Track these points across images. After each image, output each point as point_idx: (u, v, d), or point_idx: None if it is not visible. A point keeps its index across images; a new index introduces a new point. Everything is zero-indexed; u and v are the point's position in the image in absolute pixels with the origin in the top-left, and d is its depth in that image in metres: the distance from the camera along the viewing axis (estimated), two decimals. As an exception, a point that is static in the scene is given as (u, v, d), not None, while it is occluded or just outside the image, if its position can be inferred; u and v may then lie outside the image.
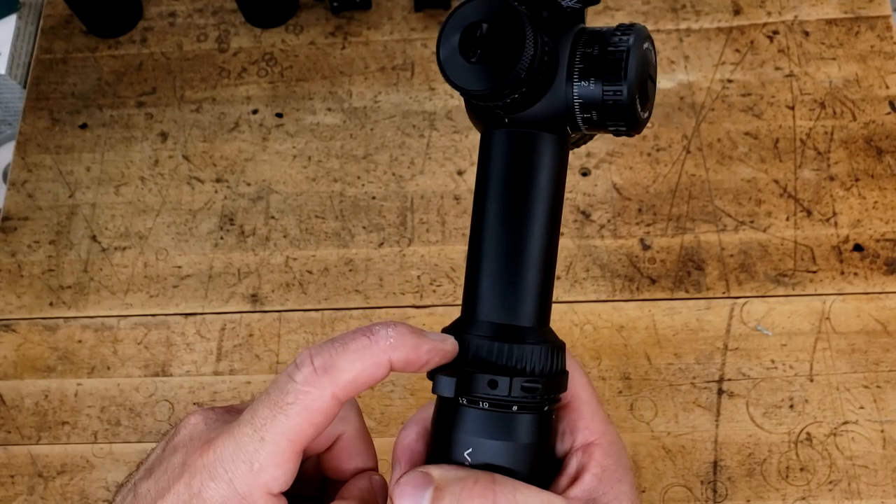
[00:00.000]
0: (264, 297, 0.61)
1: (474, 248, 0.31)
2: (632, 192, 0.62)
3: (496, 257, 0.30)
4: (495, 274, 0.30)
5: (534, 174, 0.30)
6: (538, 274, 0.30)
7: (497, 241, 0.30)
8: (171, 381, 0.59)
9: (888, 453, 0.53)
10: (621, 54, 0.27)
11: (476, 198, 0.31)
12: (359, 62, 0.69)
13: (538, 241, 0.30)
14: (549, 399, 0.31)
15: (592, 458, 0.32)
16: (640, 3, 0.69)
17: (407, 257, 0.61)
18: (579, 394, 0.34)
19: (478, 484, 0.29)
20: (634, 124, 0.28)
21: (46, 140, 0.68)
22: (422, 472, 0.31)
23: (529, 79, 0.27)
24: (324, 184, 0.64)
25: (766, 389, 0.56)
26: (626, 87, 0.27)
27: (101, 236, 0.64)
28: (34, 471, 0.57)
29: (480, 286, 0.30)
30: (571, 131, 0.30)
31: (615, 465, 0.33)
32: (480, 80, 0.27)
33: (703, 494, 0.53)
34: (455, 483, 0.30)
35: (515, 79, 0.27)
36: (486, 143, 0.31)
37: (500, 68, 0.27)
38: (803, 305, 0.58)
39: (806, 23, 0.67)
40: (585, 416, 0.33)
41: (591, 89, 0.28)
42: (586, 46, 0.28)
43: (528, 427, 0.31)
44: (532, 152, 0.30)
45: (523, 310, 0.30)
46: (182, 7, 0.72)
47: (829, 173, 0.62)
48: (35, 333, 0.61)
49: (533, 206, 0.30)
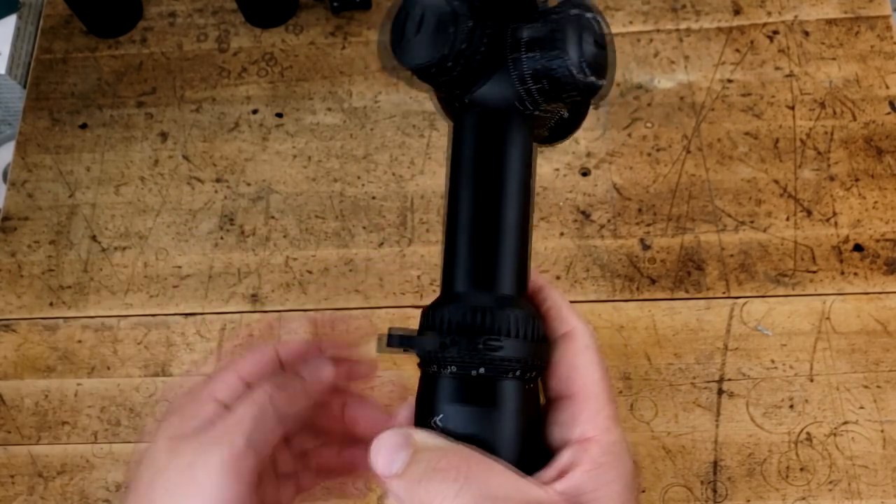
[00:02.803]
0: (264, 297, 0.61)
1: (450, 226, 0.31)
2: (632, 192, 0.62)
3: (468, 230, 0.30)
4: (468, 246, 0.30)
5: (503, 150, 0.30)
6: (511, 243, 0.30)
7: (469, 215, 0.30)
8: (170, 382, 0.59)
9: (888, 453, 0.53)
10: (561, 25, 0.28)
11: (449, 181, 0.32)
12: (359, 62, 0.69)
13: (511, 211, 0.30)
14: (520, 365, 0.30)
15: (587, 453, 0.31)
16: (640, 2, 0.69)
17: (407, 257, 0.61)
18: (588, 387, 0.32)
19: (454, 457, 0.29)
20: (588, 91, 0.29)
21: (46, 140, 0.68)
22: (404, 433, 0.30)
23: (471, 48, 0.28)
24: (324, 184, 0.64)
25: (766, 389, 0.56)
26: (568, 56, 0.28)
27: (101, 236, 0.64)
28: (34, 471, 0.57)
29: (455, 259, 0.31)
30: (532, 107, 0.30)
31: (611, 465, 0.31)
32: (424, 51, 0.28)
33: (703, 494, 0.53)
34: (432, 451, 0.29)
35: (455, 48, 0.28)
36: (455, 128, 0.32)
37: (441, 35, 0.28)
38: (803, 305, 0.58)
39: (806, 23, 0.67)
40: (589, 410, 0.32)
41: (536, 61, 0.29)
42: (530, 25, 0.29)
43: (497, 393, 0.30)
44: (497, 128, 0.30)
45: (498, 278, 0.30)
46: (182, 7, 0.72)
47: (829, 173, 0.62)
48: (35, 333, 0.61)
49: (504, 179, 0.31)
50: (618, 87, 0.66)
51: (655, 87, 0.66)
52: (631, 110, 0.65)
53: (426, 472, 0.28)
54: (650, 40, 0.67)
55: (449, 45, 0.28)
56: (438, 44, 0.28)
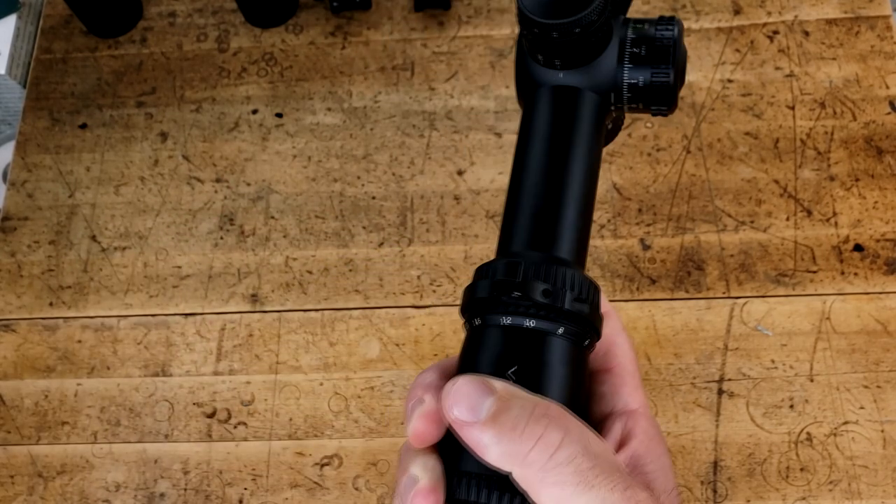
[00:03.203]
0: (264, 297, 0.61)
1: (513, 190, 0.32)
2: (632, 192, 0.62)
3: (536, 195, 0.31)
4: (535, 210, 0.31)
5: (576, 125, 0.32)
6: (577, 213, 0.31)
7: (538, 180, 0.31)
8: (170, 381, 0.59)
9: (888, 453, 0.53)
10: (669, 42, 0.31)
11: (518, 148, 0.33)
12: (359, 62, 0.69)
13: (577, 183, 0.31)
14: (591, 331, 0.29)
15: (638, 424, 0.30)
16: (640, 3, 0.68)
17: (407, 257, 0.61)
18: (626, 364, 0.32)
19: (549, 407, 0.26)
20: (674, 104, 0.32)
21: (46, 140, 0.68)
22: (482, 380, 0.27)
23: (597, 24, 0.30)
24: (324, 184, 0.64)
25: (767, 389, 0.56)
26: (673, 72, 0.31)
27: (100, 236, 0.64)
28: (34, 471, 0.57)
29: (518, 222, 0.31)
30: (614, 102, 0.32)
31: (659, 438, 0.30)
32: (558, 12, 0.30)
33: (703, 494, 0.53)
34: (522, 399, 0.27)
35: (589, 17, 0.30)
36: (533, 100, 0.33)
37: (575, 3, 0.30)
38: (803, 305, 0.58)
39: (806, 23, 0.67)
40: (629, 385, 0.31)
41: (640, 72, 0.31)
42: (636, 33, 0.31)
43: (571, 354, 0.29)
44: (576, 106, 0.32)
45: (562, 243, 0.30)
46: (182, 7, 0.72)
47: (830, 173, 0.62)
48: (35, 333, 0.61)
49: (573, 153, 0.31)
50: (618, 87, 0.66)
51: (655, 87, 0.65)
52: (631, 110, 0.65)
53: (521, 419, 0.26)
54: (650, 40, 0.67)
55: (583, 11, 0.29)
56: (574, 8, 0.30)
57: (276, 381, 0.58)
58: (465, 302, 0.31)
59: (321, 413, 0.57)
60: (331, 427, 0.57)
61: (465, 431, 0.27)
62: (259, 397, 0.58)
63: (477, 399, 0.26)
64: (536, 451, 0.26)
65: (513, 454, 0.26)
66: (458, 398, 0.27)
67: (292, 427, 0.57)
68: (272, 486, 0.55)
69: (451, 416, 0.27)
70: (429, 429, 0.28)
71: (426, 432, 0.28)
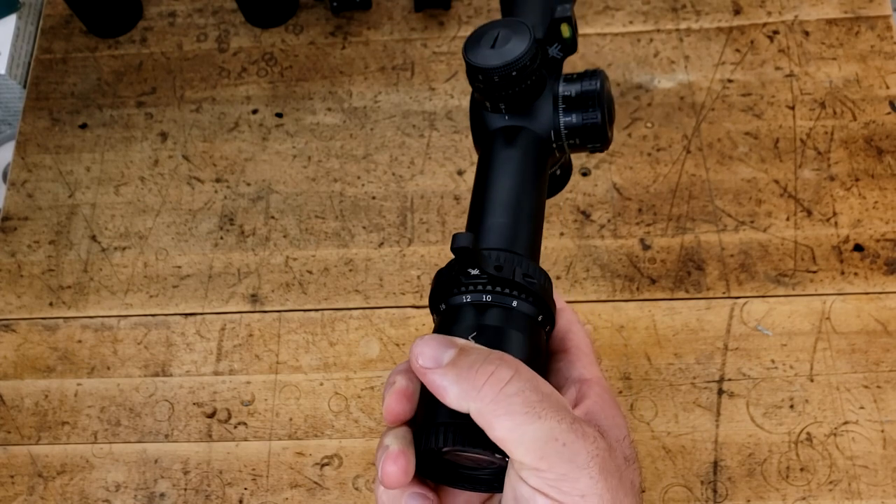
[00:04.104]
0: (264, 297, 0.61)
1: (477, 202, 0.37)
2: (632, 192, 0.62)
3: (492, 208, 0.36)
4: (500, 214, 0.35)
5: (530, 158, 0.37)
6: (531, 220, 0.36)
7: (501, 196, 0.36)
8: (171, 381, 0.59)
9: (888, 453, 0.53)
10: (595, 92, 0.37)
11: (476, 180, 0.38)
12: (359, 62, 0.69)
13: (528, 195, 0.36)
14: (543, 309, 0.33)
15: (592, 389, 0.33)
16: (640, 2, 0.68)
17: (407, 257, 0.61)
18: (581, 346, 0.35)
19: (503, 355, 0.30)
20: (605, 142, 0.38)
21: (46, 140, 0.68)
22: (446, 336, 0.31)
23: (530, 69, 0.36)
24: (324, 184, 0.64)
25: (767, 389, 0.56)
26: (600, 113, 0.37)
27: (101, 236, 0.64)
28: (34, 471, 0.57)
29: (486, 223, 0.35)
30: (554, 140, 0.38)
31: (612, 401, 0.33)
32: (497, 58, 0.36)
33: (703, 494, 0.53)
34: (479, 349, 0.30)
35: (521, 61, 0.35)
36: (485, 141, 0.39)
37: (510, 51, 0.36)
38: (803, 305, 0.58)
39: (806, 23, 0.67)
40: (583, 360, 0.35)
41: (574, 114, 0.37)
42: (567, 84, 0.38)
43: (527, 326, 0.33)
44: (520, 136, 0.38)
45: (518, 241, 0.35)
46: (182, 7, 0.72)
47: (830, 173, 0.62)
48: (35, 333, 0.61)
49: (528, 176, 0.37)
50: (618, 86, 0.66)
51: (655, 87, 0.65)
52: (631, 110, 0.65)
53: (477, 362, 0.29)
54: (650, 40, 0.67)
55: (517, 58, 0.35)
56: (509, 55, 0.36)
57: (277, 381, 0.58)
58: (431, 293, 0.35)
59: (321, 413, 0.57)
60: (331, 427, 0.57)
61: (427, 378, 0.30)
62: (259, 397, 0.58)
63: (440, 350, 0.30)
64: (488, 385, 0.29)
65: (468, 391, 0.29)
66: (423, 349, 0.30)
67: (292, 427, 0.57)
68: (272, 486, 0.55)
69: (417, 364, 0.30)
70: (400, 404, 0.31)
71: (397, 408, 0.31)
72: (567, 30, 0.38)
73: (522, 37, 0.36)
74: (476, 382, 0.29)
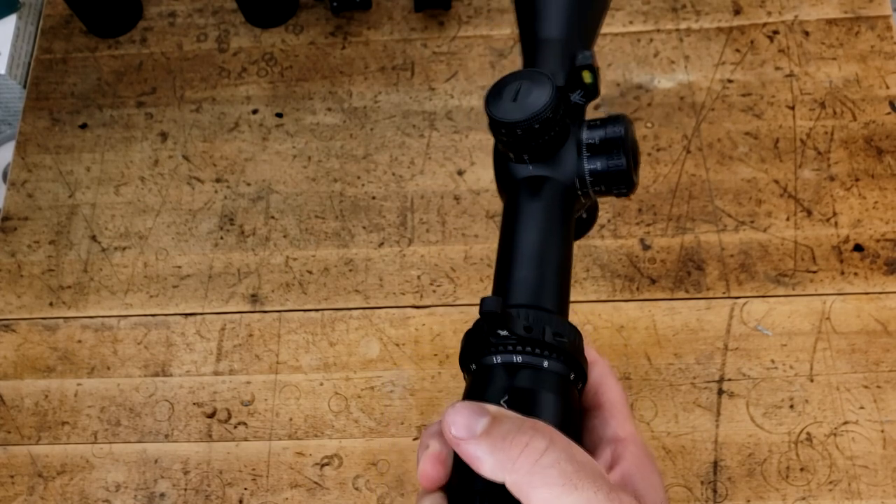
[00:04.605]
0: (264, 297, 0.61)
1: (504, 257, 0.36)
2: (632, 192, 0.62)
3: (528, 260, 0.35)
4: (527, 268, 0.35)
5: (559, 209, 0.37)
6: (558, 273, 0.35)
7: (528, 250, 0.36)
8: (171, 381, 0.59)
9: (888, 453, 0.53)
10: (620, 135, 0.36)
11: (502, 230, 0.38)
12: (359, 62, 0.69)
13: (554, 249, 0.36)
14: (574, 369, 0.33)
15: (627, 449, 0.33)
16: (640, 3, 0.69)
17: (407, 257, 0.61)
18: (614, 399, 0.35)
19: (535, 422, 0.29)
20: (632, 188, 0.37)
21: (46, 140, 0.68)
22: (478, 404, 0.30)
23: (553, 120, 0.35)
24: (324, 184, 0.64)
25: (766, 389, 0.56)
26: (625, 159, 0.36)
27: (101, 236, 0.64)
28: (34, 471, 0.57)
29: (513, 278, 0.35)
30: (579, 188, 0.37)
31: (648, 460, 0.33)
32: (519, 113, 0.35)
33: (703, 494, 0.53)
34: (512, 417, 0.30)
35: (544, 114, 0.35)
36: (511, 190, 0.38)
37: (532, 104, 0.35)
38: (803, 305, 0.58)
39: (806, 23, 0.67)
40: (618, 417, 0.34)
41: (598, 161, 0.37)
42: (591, 130, 0.37)
43: (559, 387, 0.32)
44: (545, 187, 0.37)
45: (546, 296, 0.34)
46: (182, 7, 0.72)
47: (830, 173, 0.62)
48: (35, 333, 0.61)
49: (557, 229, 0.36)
50: (618, 87, 0.66)
51: (655, 87, 0.66)
52: (631, 110, 0.65)
53: (511, 431, 0.29)
54: (650, 40, 0.67)
55: (540, 111, 0.35)
56: (531, 108, 0.35)
57: (277, 381, 0.58)
58: (461, 353, 0.34)
59: (321, 413, 0.57)
60: (331, 427, 0.57)
61: (461, 448, 0.29)
62: (259, 397, 0.58)
63: (472, 419, 0.30)
64: (524, 456, 0.28)
65: (503, 462, 0.28)
66: (456, 419, 0.30)
67: (292, 427, 0.57)
68: (272, 486, 0.55)
69: (450, 435, 0.30)
70: (435, 469, 0.31)
71: (432, 473, 0.31)
72: (589, 76, 0.37)
73: (544, 88, 0.35)
74: (511, 454, 0.28)
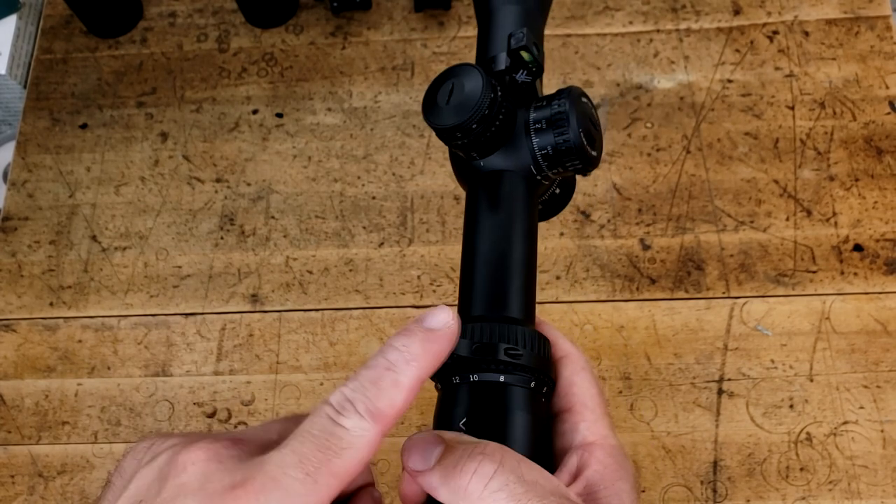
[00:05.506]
0: (264, 297, 0.61)
1: (466, 263, 0.36)
2: (632, 192, 0.62)
3: (486, 265, 0.35)
4: (485, 278, 0.35)
5: (515, 203, 0.36)
6: (521, 277, 0.35)
7: (487, 254, 0.35)
8: (171, 381, 0.59)
9: (888, 453, 0.53)
10: (563, 112, 0.35)
11: (465, 227, 0.37)
12: (359, 62, 0.69)
13: (518, 251, 0.35)
14: (536, 377, 0.33)
15: (593, 455, 0.33)
16: (640, 3, 0.69)
17: (407, 257, 0.61)
18: (585, 400, 0.34)
19: (486, 447, 0.30)
20: (588, 161, 0.36)
21: (46, 140, 0.68)
22: (433, 433, 0.31)
23: (491, 117, 0.34)
24: (324, 184, 0.64)
25: (766, 389, 0.56)
26: (571, 133, 0.35)
27: (101, 236, 0.64)
28: (34, 471, 0.57)
29: (473, 289, 0.35)
30: (536, 172, 0.36)
31: (616, 465, 0.33)
32: (454, 116, 0.34)
33: (703, 494, 0.53)
34: (465, 443, 0.30)
35: (479, 112, 0.34)
36: (468, 186, 0.37)
37: (466, 104, 0.34)
38: (803, 305, 0.58)
39: (806, 23, 0.67)
40: (588, 420, 0.34)
41: (546, 139, 0.35)
42: (538, 111, 0.36)
43: (519, 400, 0.32)
44: (502, 184, 0.36)
45: (510, 304, 0.34)
46: (182, 7, 0.72)
47: (829, 173, 0.62)
48: (35, 333, 0.61)
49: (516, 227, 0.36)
50: (617, 87, 0.66)
51: (655, 87, 0.66)
52: (631, 110, 0.65)
53: (461, 459, 0.29)
54: (650, 40, 0.67)
55: (474, 110, 0.34)
56: (465, 109, 0.34)
57: (277, 380, 0.58)
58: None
59: (321, 413, 0.57)
60: (331, 427, 0.57)
61: (419, 479, 0.30)
62: (259, 397, 0.58)
63: (427, 450, 0.30)
64: (473, 482, 0.29)
65: (456, 490, 0.29)
66: (412, 451, 0.30)
67: (292, 427, 0.57)
68: (272, 485, 0.55)
69: (408, 467, 0.30)
70: (410, 487, 0.32)
71: (409, 493, 0.32)
72: (527, 55, 0.36)
73: (475, 83, 0.34)
74: (461, 481, 0.29)
